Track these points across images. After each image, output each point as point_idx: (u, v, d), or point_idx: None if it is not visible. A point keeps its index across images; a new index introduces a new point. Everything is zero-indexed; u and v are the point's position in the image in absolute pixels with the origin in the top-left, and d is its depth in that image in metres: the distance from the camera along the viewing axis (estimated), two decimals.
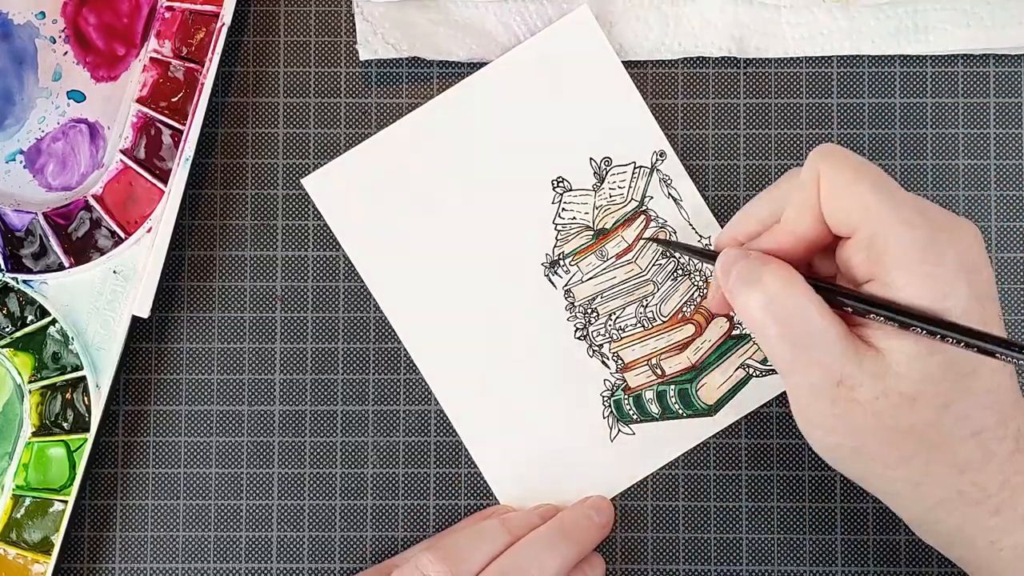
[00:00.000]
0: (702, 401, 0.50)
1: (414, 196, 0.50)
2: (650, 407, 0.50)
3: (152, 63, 0.49)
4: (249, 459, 0.51)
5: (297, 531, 0.51)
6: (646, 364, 0.50)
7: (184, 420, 0.51)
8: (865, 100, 0.51)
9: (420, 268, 0.50)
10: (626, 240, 0.50)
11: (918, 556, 0.50)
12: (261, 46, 0.51)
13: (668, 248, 0.50)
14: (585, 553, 0.47)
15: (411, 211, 0.50)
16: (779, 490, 0.50)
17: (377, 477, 0.51)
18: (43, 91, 0.50)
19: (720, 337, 0.50)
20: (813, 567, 0.50)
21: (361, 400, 0.51)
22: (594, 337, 0.50)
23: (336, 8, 0.51)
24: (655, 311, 0.50)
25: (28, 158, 0.50)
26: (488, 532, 0.47)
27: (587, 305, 0.50)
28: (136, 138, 0.49)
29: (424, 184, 0.50)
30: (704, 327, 0.50)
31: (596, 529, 0.48)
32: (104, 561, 0.50)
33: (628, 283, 0.50)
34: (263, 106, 0.51)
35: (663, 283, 0.50)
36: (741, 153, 0.51)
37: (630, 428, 0.50)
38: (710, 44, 0.50)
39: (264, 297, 0.51)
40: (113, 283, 0.49)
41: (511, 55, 0.50)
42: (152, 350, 0.51)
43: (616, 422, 0.50)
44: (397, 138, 0.50)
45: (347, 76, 0.51)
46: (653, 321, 0.50)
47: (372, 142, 0.50)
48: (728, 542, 0.50)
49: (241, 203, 0.51)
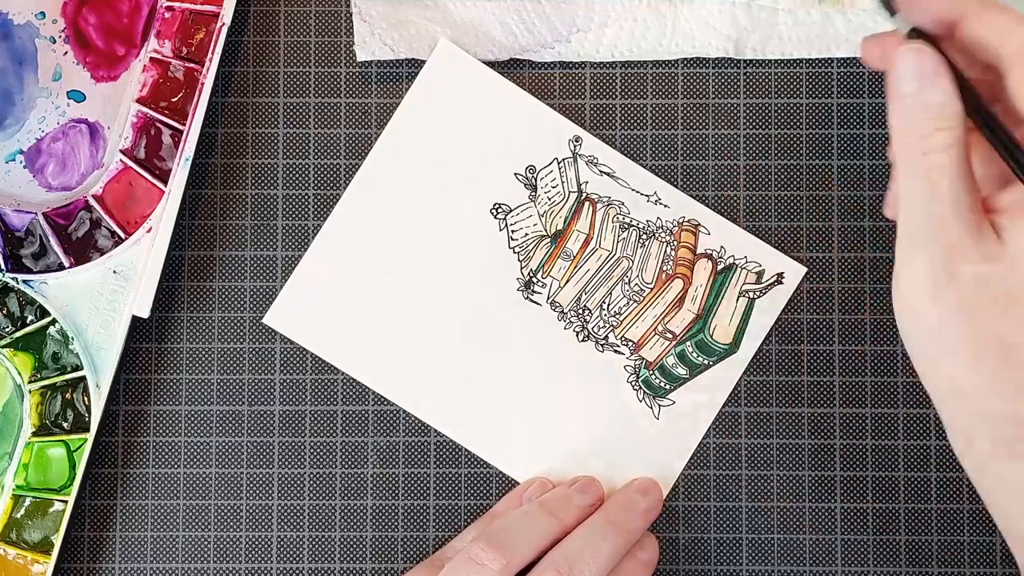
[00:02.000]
0: (720, 343, 0.50)
1: (374, 278, 0.50)
2: (676, 371, 0.50)
3: (152, 63, 0.49)
4: (249, 459, 0.51)
5: (297, 531, 0.51)
6: (655, 334, 0.50)
7: (184, 420, 0.51)
8: (865, 100, 0.51)
9: (408, 341, 0.50)
10: (582, 231, 0.51)
11: (918, 556, 0.50)
12: (261, 46, 0.51)
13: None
14: (636, 538, 0.47)
15: (377, 293, 0.50)
16: (779, 490, 0.50)
17: (377, 477, 0.51)
18: (43, 91, 0.50)
19: (709, 278, 0.50)
20: (813, 567, 0.50)
21: (361, 400, 0.51)
22: (596, 332, 0.50)
23: (336, 8, 0.51)
24: (640, 282, 0.50)
25: (28, 158, 0.50)
26: (534, 517, 0.46)
27: (576, 307, 0.50)
28: (136, 138, 0.49)
29: (380, 260, 0.50)
30: (690, 276, 0.50)
31: (643, 514, 0.48)
32: (104, 561, 0.50)
33: (603, 269, 0.51)
34: (263, 106, 0.51)
35: (633, 253, 0.51)
36: (741, 153, 0.51)
37: (667, 400, 0.50)
38: (707, 45, 0.50)
39: (264, 297, 0.51)
40: (113, 283, 0.49)
41: (403, 108, 0.50)
42: (152, 350, 0.51)
43: (653, 400, 0.50)
44: (333, 236, 0.50)
45: (347, 76, 0.51)
46: (641, 292, 0.50)
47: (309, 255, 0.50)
48: (728, 542, 0.50)
49: (241, 203, 0.51)
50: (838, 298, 0.50)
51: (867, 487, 0.50)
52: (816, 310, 0.50)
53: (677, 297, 0.50)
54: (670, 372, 0.50)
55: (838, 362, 0.50)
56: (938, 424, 0.50)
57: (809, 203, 0.51)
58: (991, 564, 0.50)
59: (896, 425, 0.50)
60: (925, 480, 0.50)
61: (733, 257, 0.50)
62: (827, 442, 0.50)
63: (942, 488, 0.50)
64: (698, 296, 0.50)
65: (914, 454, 0.50)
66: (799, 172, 0.51)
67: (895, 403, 0.50)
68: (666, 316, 0.50)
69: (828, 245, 0.51)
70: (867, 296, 0.50)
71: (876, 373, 0.50)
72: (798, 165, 0.51)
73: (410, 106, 0.50)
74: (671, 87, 0.51)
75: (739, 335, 0.50)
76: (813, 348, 0.50)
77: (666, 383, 0.50)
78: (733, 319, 0.50)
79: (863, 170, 0.51)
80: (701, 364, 0.50)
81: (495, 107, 0.50)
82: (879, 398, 0.50)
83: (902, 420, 0.50)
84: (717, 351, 0.50)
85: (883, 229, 0.51)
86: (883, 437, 0.50)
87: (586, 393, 0.50)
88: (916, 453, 0.50)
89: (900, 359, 0.50)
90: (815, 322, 0.50)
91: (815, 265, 0.51)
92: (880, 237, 0.51)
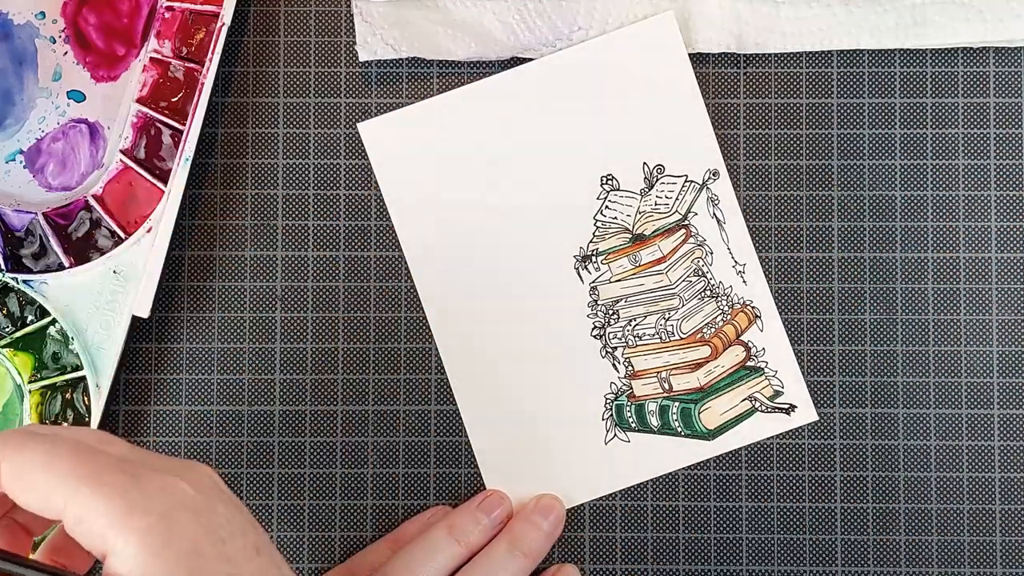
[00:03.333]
0: (703, 424, 0.50)
1: (464, 166, 0.50)
2: (650, 419, 0.50)
3: (152, 63, 0.49)
4: (249, 459, 0.51)
5: (297, 531, 0.51)
6: (655, 376, 0.50)
7: (184, 420, 0.51)
8: (865, 100, 0.51)
9: (454, 239, 0.50)
10: (662, 250, 0.50)
11: (918, 556, 0.50)
12: (261, 46, 0.51)
13: None
14: (536, 562, 0.48)
15: (458, 179, 0.50)
16: (779, 490, 0.50)
17: (377, 477, 0.51)
18: (43, 91, 0.50)
19: (734, 365, 0.50)
20: (813, 567, 0.50)
21: (361, 400, 0.51)
22: (610, 339, 0.50)
23: (336, 8, 0.51)
24: (675, 326, 0.50)
25: (28, 158, 0.50)
26: (438, 544, 0.48)
27: (610, 306, 0.50)
28: (136, 138, 0.49)
29: (476, 156, 0.50)
30: (720, 351, 0.50)
31: (544, 537, 0.49)
32: None
33: (655, 293, 0.50)
34: (263, 106, 0.51)
35: (689, 300, 0.50)
36: (741, 153, 0.51)
37: (626, 435, 0.50)
38: (709, 40, 0.50)
39: (264, 297, 0.51)
40: (113, 283, 0.49)
41: (588, 44, 0.50)
42: (152, 350, 0.51)
43: (614, 426, 0.50)
44: (459, 104, 0.50)
45: (347, 76, 0.51)
46: (671, 335, 0.50)
47: (433, 102, 0.50)
48: (728, 542, 0.50)
49: (241, 203, 0.51)
50: (838, 298, 0.50)
51: (867, 487, 0.50)
52: (816, 310, 0.50)
53: (697, 361, 0.50)
54: (644, 416, 0.50)
55: (838, 362, 0.50)
56: (938, 424, 0.50)
57: (809, 203, 0.51)
58: (991, 564, 0.50)
59: (896, 425, 0.50)
60: (925, 480, 0.50)
61: (766, 363, 0.50)
62: (827, 442, 0.50)
63: (942, 488, 0.50)
64: (713, 373, 0.50)
65: (914, 454, 0.50)
66: (799, 172, 0.51)
67: (895, 403, 0.50)
68: (676, 369, 0.50)
69: (828, 245, 0.51)
70: (867, 296, 0.50)
71: (876, 373, 0.50)
72: (798, 165, 0.51)
73: (595, 48, 0.50)
74: None
75: (722, 429, 0.50)
76: (813, 348, 0.50)
77: (634, 422, 0.50)
78: (727, 413, 0.50)
79: (863, 170, 0.51)
80: (674, 429, 0.50)
81: (668, 96, 0.50)
82: (879, 398, 0.50)
83: (902, 420, 0.50)
84: (694, 429, 0.50)
85: (883, 230, 0.51)
86: (883, 437, 0.50)
87: (565, 381, 0.50)
88: (916, 453, 0.50)
89: (900, 359, 0.50)
90: (815, 322, 0.50)
91: (815, 265, 0.51)
92: (880, 237, 0.51)
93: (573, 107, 0.50)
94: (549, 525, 0.49)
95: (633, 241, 0.50)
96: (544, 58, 0.50)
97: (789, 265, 0.51)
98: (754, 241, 0.51)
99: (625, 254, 0.50)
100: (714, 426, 0.50)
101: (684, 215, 0.50)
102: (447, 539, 0.48)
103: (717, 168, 0.50)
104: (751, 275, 0.50)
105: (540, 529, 0.49)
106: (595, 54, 0.50)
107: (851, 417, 0.50)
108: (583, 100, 0.50)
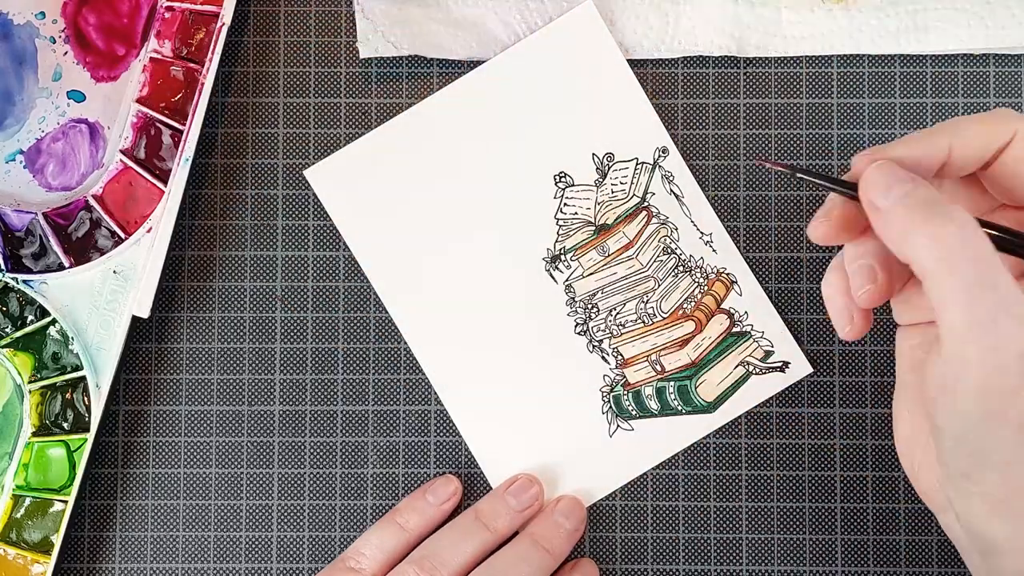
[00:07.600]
0: (701, 398, 0.50)
1: (416, 189, 0.50)
2: (649, 403, 0.50)
3: (152, 63, 0.49)
4: (249, 459, 0.51)
5: (297, 531, 0.51)
6: (646, 360, 0.50)
7: (184, 420, 0.51)
8: (865, 100, 0.51)
9: (420, 261, 0.50)
10: (628, 236, 0.50)
11: (918, 556, 0.50)
12: (261, 46, 0.51)
13: (806, 178, 0.40)
14: (559, 560, 0.48)
15: (412, 204, 0.50)
16: (779, 490, 0.50)
17: (377, 477, 0.51)
18: (43, 91, 0.50)
19: (720, 334, 0.50)
20: (813, 567, 0.50)
21: (361, 400, 0.51)
22: (594, 332, 0.50)
23: (336, 8, 0.51)
24: (655, 307, 0.50)
25: (28, 158, 0.50)
26: (466, 530, 0.48)
27: (588, 300, 0.50)
28: (136, 138, 0.49)
29: (426, 178, 0.50)
30: (704, 324, 0.50)
31: (566, 536, 0.49)
32: (104, 561, 0.50)
33: (629, 279, 0.50)
34: (263, 106, 0.51)
35: (664, 279, 0.50)
36: (741, 153, 0.51)
37: (629, 424, 0.50)
38: (710, 43, 0.50)
39: (264, 297, 0.51)
40: (113, 283, 0.49)
41: (515, 49, 0.50)
42: (152, 350, 0.51)
43: (615, 418, 0.50)
44: (399, 132, 0.50)
45: (347, 76, 0.51)
46: (653, 317, 0.50)
47: (374, 135, 0.50)
48: (728, 542, 0.50)
49: (241, 203, 0.51)
50: None
51: (867, 487, 0.50)
52: (816, 310, 0.50)
53: (683, 338, 0.50)
54: (643, 402, 0.50)
55: (838, 362, 0.50)
56: None
57: (809, 203, 0.51)
58: None
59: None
60: None
61: (752, 327, 0.50)
62: (827, 442, 0.50)
63: None
64: (702, 346, 0.50)
65: None
66: None
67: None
68: (664, 350, 0.50)
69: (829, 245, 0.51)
70: None
71: (876, 373, 0.50)
72: (798, 165, 0.51)
73: (526, 49, 0.50)
74: (671, 87, 0.51)
75: (722, 399, 0.50)
76: (813, 348, 0.50)
77: (634, 409, 0.50)
78: (723, 383, 0.50)
79: None
80: (674, 408, 0.50)
81: (604, 84, 0.50)
82: (879, 398, 0.50)
83: None
84: (694, 404, 0.50)
85: None
86: (883, 437, 0.50)
87: (557, 383, 0.50)
88: None
89: None
90: (815, 322, 0.50)
91: (815, 265, 0.51)
92: None
93: (513, 112, 0.50)
94: (571, 524, 0.49)
95: (598, 232, 0.50)
96: (476, 69, 0.50)
97: (789, 265, 0.51)
98: (749, 235, 0.51)
99: (593, 247, 0.50)
100: (713, 398, 0.50)
101: (642, 197, 0.50)
102: (475, 523, 0.48)
103: (665, 145, 0.50)
104: (719, 242, 0.50)
105: (563, 528, 0.49)
106: (525, 55, 0.50)
107: (851, 417, 0.50)
108: (522, 103, 0.50)
